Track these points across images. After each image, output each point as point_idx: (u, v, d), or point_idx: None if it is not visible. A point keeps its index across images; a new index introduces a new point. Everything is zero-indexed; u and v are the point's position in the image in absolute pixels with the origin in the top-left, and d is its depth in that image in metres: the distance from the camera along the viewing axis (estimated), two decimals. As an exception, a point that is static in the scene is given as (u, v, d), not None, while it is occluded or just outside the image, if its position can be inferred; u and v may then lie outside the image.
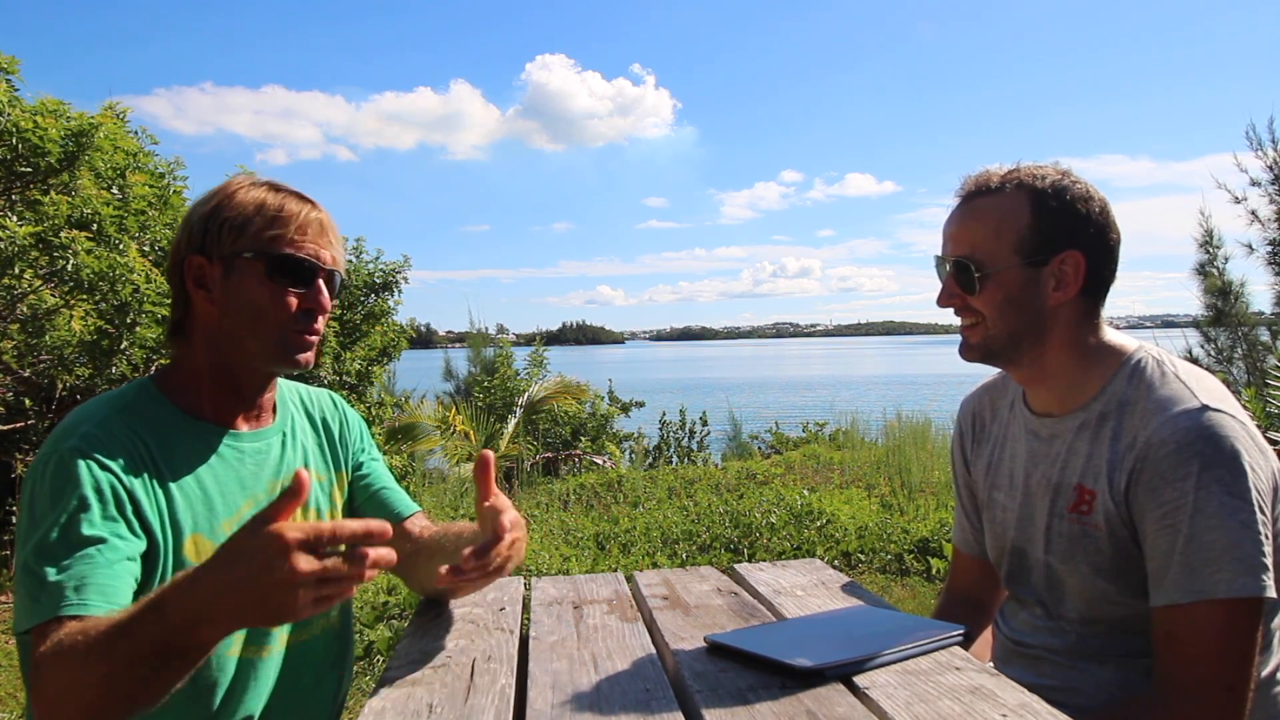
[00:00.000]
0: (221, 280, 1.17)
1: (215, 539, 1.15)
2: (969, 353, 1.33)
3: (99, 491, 1.05)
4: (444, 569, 1.07)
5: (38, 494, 1.05)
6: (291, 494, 0.85)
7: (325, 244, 1.22)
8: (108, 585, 1.00)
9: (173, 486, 1.13)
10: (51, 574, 0.99)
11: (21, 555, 1.03)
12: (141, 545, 1.08)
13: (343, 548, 0.86)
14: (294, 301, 1.19)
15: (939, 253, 1.34)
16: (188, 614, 0.86)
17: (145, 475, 1.11)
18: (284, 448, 1.29)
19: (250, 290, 1.17)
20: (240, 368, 1.22)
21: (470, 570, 1.09)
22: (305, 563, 0.83)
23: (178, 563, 1.12)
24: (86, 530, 1.02)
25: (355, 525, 0.86)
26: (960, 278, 1.29)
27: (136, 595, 1.05)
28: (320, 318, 1.22)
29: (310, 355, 1.22)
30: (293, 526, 0.84)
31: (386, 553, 0.86)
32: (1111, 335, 1.30)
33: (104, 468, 1.07)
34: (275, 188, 1.21)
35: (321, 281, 1.21)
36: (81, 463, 1.05)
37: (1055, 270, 1.25)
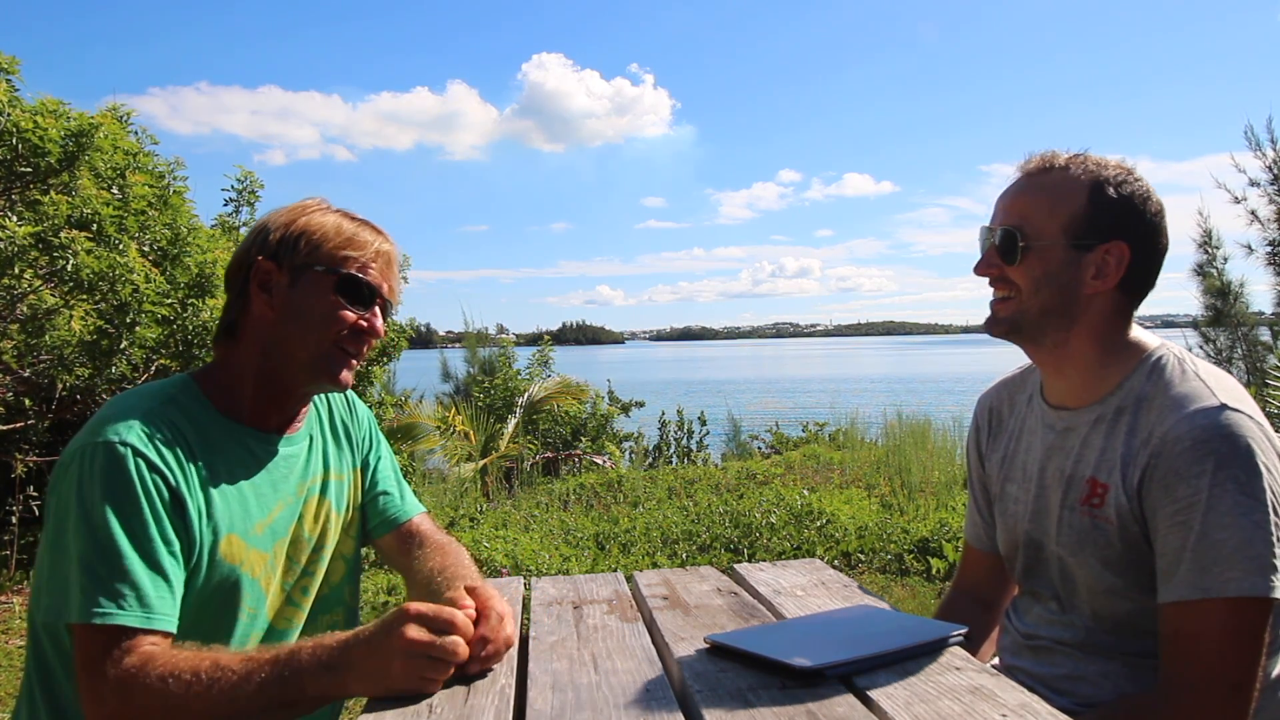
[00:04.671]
0: (287, 288, 1.22)
1: (249, 540, 1.18)
2: (995, 326, 1.32)
3: (149, 493, 1.07)
4: None
5: (86, 483, 1.06)
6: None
7: (389, 276, 1.29)
8: (168, 598, 1.06)
9: (212, 486, 1.16)
10: (111, 575, 1.03)
11: (76, 545, 1.04)
12: (181, 546, 1.10)
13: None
14: (350, 318, 1.23)
15: (987, 223, 1.33)
16: (318, 663, 1.01)
17: (188, 473, 1.13)
18: (310, 451, 1.32)
19: (314, 301, 1.22)
20: (286, 377, 1.24)
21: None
22: (415, 632, 1.01)
23: (212, 561, 1.14)
24: (142, 533, 1.06)
25: (463, 621, 1.05)
26: (1004, 247, 1.28)
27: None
28: (369, 342, 1.27)
29: (350, 378, 1.27)
30: (416, 604, 1.04)
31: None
32: (1137, 333, 1.30)
33: (152, 466, 1.09)
34: (351, 216, 1.28)
35: (378, 308, 1.27)
36: (132, 459, 1.07)
37: (1099, 258, 1.25)
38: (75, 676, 1.05)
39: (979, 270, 1.32)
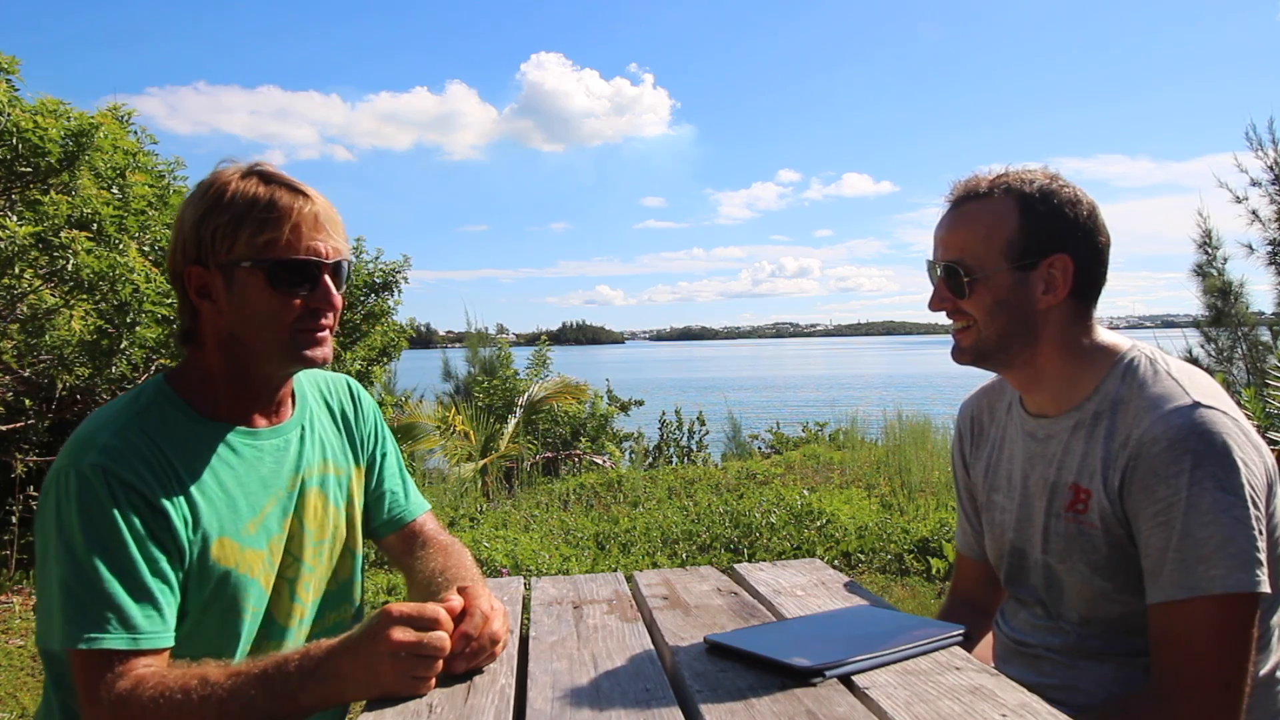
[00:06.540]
0: (225, 290, 1.14)
1: (241, 541, 1.15)
2: (960, 355, 1.35)
3: (126, 515, 1.05)
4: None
5: (64, 510, 1.05)
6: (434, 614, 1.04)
7: (323, 236, 1.15)
8: (155, 617, 1.05)
9: (195, 492, 1.12)
10: (94, 602, 1.02)
11: (58, 571, 1.03)
12: (168, 560, 1.09)
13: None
14: (299, 304, 1.15)
15: (930, 257, 1.36)
16: (305, 673, 1.01)
17: (167, 485, 1.10)
18: (303, 441, 1.27)
19: (254, 299, 1.13)
20: (256, 370, 1.20)
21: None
22: (401, 633, 1.00)
23: (204, 568, 1.12)
24: (122, 556, 1.04)
25: (446, 618, 1.05)
26: (950, 282, 1.31)
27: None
28: (328, 314, 1.18)
29: (326, 351, 1.19)
30: (398, 605, 1.03)
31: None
32: (1105, 335, 1.31)
33: (127, 486, 1.06)
34: (265, 178, 1.14)
35: (326, 277, 1.16)
36: (105, 482, 1.05)
37: (1044, 274, 1.26)
38: None
39: (932, 306, 1.35)
